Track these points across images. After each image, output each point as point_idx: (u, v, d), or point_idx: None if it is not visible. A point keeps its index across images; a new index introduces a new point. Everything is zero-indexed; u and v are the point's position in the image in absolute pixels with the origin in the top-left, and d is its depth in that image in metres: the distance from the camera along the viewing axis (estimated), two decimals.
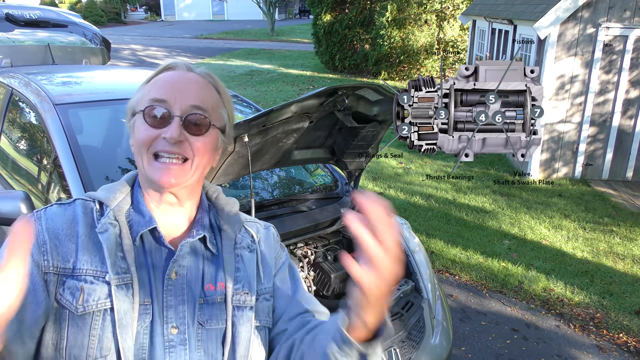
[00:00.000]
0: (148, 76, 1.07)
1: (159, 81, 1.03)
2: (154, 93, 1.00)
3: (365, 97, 2.30)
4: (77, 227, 0.98)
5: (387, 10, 13.38)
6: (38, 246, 0.95)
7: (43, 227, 0.97)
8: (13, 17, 4.65)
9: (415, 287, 2.48)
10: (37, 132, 2.75)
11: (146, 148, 0.98)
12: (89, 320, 0.92)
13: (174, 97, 0.99)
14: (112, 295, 0.92)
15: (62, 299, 0.94)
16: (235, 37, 26.52)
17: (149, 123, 0.98)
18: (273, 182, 3.15)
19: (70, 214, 1.00)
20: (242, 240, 1.09)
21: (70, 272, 0.94)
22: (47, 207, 1.03)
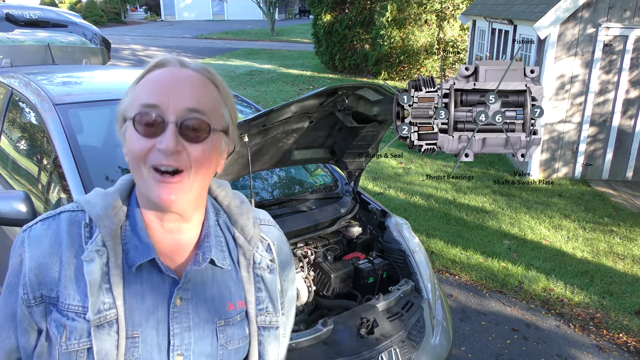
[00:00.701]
0: (138, 75, 0.94)
1: (148, 82, 0.90)
2: (144, 97, 0.88)
3: (365, 97, 2.30)
4: (60, 250, 0.90)
5: (387, 10, 13.37)
6: (25, 275, 0.90)
7: (29, 255, 0.90)
8: (13, 17, 4.65)
9: (415, 287, 2.48)
10: (37, 132, 2.75)
11: (142, 161, 0.86)
12: (74, 357, 0.88)
13: (166, 100, 0.87)
14: (90, 335, 0.87)
15: (51, 329, 0.90)
16: (235, 37, 26.52)
17: (140, 132, 0.86)
18: (273, 182, 3.15)
19: (52, 233, 0.91)
20: (261, 260, 1.01)
21: (55, 302, 0.89)
22: (32, 225, 0.94)
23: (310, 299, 2.43)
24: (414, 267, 2.54)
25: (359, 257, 2.59)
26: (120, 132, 0.92)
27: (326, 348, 2.01)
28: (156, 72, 0.91)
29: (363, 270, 2.49)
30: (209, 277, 0.95)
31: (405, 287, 2.43)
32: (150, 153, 0.86)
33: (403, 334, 2.17)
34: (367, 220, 2.84)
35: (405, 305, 2.35)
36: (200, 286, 0.94)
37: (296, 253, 2.53)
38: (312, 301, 2.45)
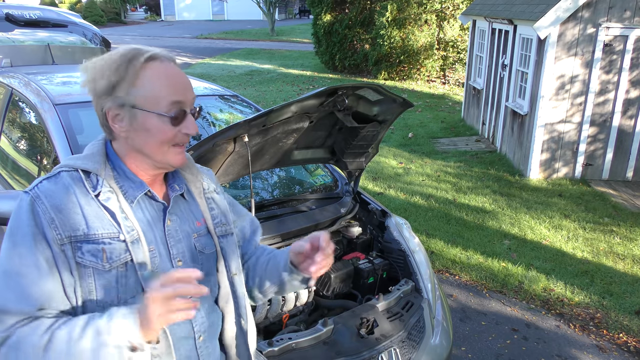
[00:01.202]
0: (118, 58, 1.14)
1: (163, 78, 1.15)
2: (171, 95, 1.15)
3: (365, 97, 2.30)
4: (73, 197, 1.13)
5: (387, 10, 13.37)
6: (48, 225, 1.09)
7: (47, 206, 1.11)
8: (13, 17, 4.65)
9: (415, 287, 2.48)
10: (37, 132, 2.75)
11: (169, 143, 1.17)
12: (114, 273, 1.13)
13: (185, 95, 1.17)
14: (129, 250, 1.14)
15: (84, 260, 1.11)
16: (235, 37, 26.53)
17: (172, 124, 1.16)
18: (273, 182, 3.15)
19: (62, 186, 1.13)
20: (208, 186, 1.36)
21: (83, 237, 1.11)
22: (37, 184, 1.14)
23: (310, 299, 2.43)
24: (414, 267, 2.53)
25: (359, 257, 2.59)
26: (126, 114, 1.14)
27: (326, 348, 2.01)
28: (161, 67, 1.16)
29: (363, 270, 2.49)
30: (181, 203, 1.29)
31: (405, 287, 2.43)
32: (175, 136, 1.17)
33: (403, 334, 2.17)
34: (367, 220, 2.84)
35: (405, 305, 2.35)
36: (179, 209, 1.27)
37: None
38: (312, 301, 2.45)
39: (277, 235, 2.40)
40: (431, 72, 14.26)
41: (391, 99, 2.31)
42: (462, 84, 13.55)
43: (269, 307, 2.24)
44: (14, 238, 1.10)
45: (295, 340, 1.98)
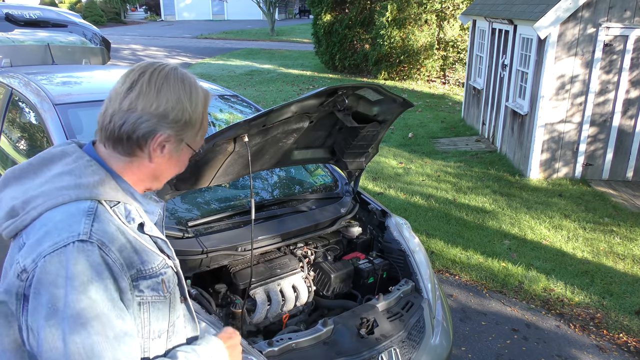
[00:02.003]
0: (206, 100, 1.18)
1: (207, 121, 1.21)
2: (204, 135, 1.22)
3: (365, 97, 2.30)
4: (125, 235, 1.07)
5: (387, 10, 13.37)
6: (121, 273, 1.03)
7: (117, 255, 1.03)
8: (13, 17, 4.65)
9: (415, 287, 2.48)
10: (37, 132, 2.75)
11: (180, 171, 1.22)
12: (168, 299, 1.14)
13: None
14: (178, 273, 1.20)
15: (145, 297, 1.09)
16: (235, 37, 26.52)
17: (191, 158, 1.22)
18: (273, 182, 3.15)
19: (114, 226, 1.06)
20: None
21: (138, 274, 1.07)
22: (91, 228, 1.01)
23: (310, 299, 2.43)
24: (414, 267, 2.53)
25: (359, 257, 2.59)
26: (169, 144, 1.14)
27: (326, 348, 2.00)
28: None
29: (363, 270, 2.49)
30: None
31: (405, 287, 2.43)
32: None
33: (403, 334, 2.17)
34: (367, 220, 2.84)
35: (405, 305, 2.35)
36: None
37: (296, 253, 2.53)
38: (312, 301, 2.45)
39: (277, 235, 2.40)
40: (431, 72, 14.26)
41: (391, 99, 2.31)
42: (462, 84, 13.54)
43: (269, 307, 2.24)
44: (94, 298, 0.96)
45: (295, 340, 1.98)
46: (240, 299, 2.16)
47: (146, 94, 1.08)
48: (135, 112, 1.08)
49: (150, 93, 1.08)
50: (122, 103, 1.08)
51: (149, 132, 1.09)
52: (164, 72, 1.10)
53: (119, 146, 1.11)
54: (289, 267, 2.38)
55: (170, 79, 1.10)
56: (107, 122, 1.10)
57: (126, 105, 1.08)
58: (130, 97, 1.08)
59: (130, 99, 1.08)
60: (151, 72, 1.10)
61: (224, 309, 2.17)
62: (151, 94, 1.08)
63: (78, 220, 1.01)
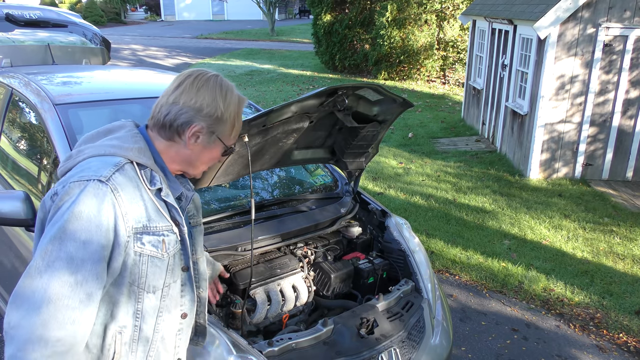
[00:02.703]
0: (240, 104, 1.41)
1: (241, 121, 1.43)
2: (237, 136, 1.45)
3: (365, 97, 2.30)
4: (140, 192, 1.28)
5: (387, 10, 13.37)
6: (122, 217, 1.23)
7: (123, 199, 1.23)
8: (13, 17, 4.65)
9: (415, 287, 2.48)
10: (37, 132, 2.75)
11: (210, 164, 1.45)
12: (166, 261, 1.34)
13: None
14: (181, 242, 1.38)
15: (144, 249, 1.28)
16: (235, 37, 26.52)
17: (223, 154, 1.44)
18: (273, 182, 3.15)
19: (130, 180, 1.27)
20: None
21: (143, 229, 1.27)
22: (112, 174, 1.24)
23: (310, 299, 2.43)
24: (414, 267, 2.53)
25: (359, 257, 2.59)
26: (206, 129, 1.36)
27: (326, 348, 2.01)
28: (242, 111, 1.43)
29: (363, 270, 2.49)
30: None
31: (405, 287, 2.43)
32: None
33: (403, 334, 2.17)
34: (367, 220, 2.84)
35: (405, 305, 2.35)
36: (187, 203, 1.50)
37: (296, 253, 2.53)
38: (312, 301, 2.45)
39: (277, 235, 2.41)
40: (431, 72, 14.26)
41: (391, 99, 2.31)
42: (462, 84, 13.55)
43: (269, 307, 2.25)
44: (84, 224, 1.18)
45: (295, 340, 1.98)
46: (240, 299, 2.16)
47: (188, 91, 1.34)
48: (177, 105, 1.34)
49: (191, 91, 1.34)
50: (169, 97, 1.35)
51: (186, 122, 1.34)
52: (206, 77, 1.36)
53: (163, 131, 1.36)
54: (289, 267, 2.39)
55: (210, 82, 1.35)
56: (157, 111, 1.36)
57: (172, 100, 1.34)
58: (176, 93, 1.34)
59: (175, 94, 1.34)
60: (196, 76, 1.36)
61: (224, 309, 2.17)
62: (192, 92, 1.34)
63: (106, 167, 1.25)
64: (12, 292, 1.17)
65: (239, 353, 1.81)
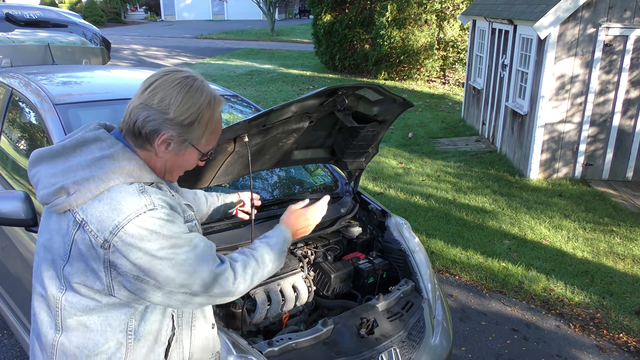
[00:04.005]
0: (214, 106, 1.31)
1: (219, 126, 1.35)
2: (216, 140, 1.37)
3: (365, 97, 2.30)
4: (166, 196, 1.31)
5: (387, 10, 13.37)
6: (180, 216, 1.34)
7: (172, 207, 1.31)
8: (13, 17, 4.65)
9: (415, 287, 2.48)
10: (37, 132, 2.75)
11: (190, 167, 1.39)
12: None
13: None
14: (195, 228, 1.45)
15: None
16: (235, 37, 26.52)
17: (200, 159, 1.38)
18: (273, 182, 3.15)
19: (159, 194, 1.29)
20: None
21: (192, 226, 1.39)
22: (153, 198, 1.25)
23: (310, 299, 2.43)
24: (414, 267, 2.53)
25: (359, 257, 2.59)
26: (178, 137, 1.28)
27: (326, 348, 2.01)
28: (220, 115, 1.35)
29: (363, 270, 2.49)
30: None
31: (405, 287, 2.43)
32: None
33: (403, 334, 2.17)
34: (367, 220, 2.84)
35: (405, 305, 2.35)
36: None
37: (296, 253, 2.53)
38: (312, 301, 2.45)
39: None
40: (431, 72, 14.26)
41: (391, 99, 2.31)
42: (462, 84, 13.54)
43: (268, 307, 2.24)
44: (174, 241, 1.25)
45: (295, 340, 1.98)
46: (240, 299, 2.16)
47: (156, 94, 1.24)
48: (145, 110, 1.24)
49: (159, 94, 1.24)
50: (138, 99, 1.26)
51: (154, 130, 1.25)
52: (176, 77, 1.26)
53: (135, 139, 1.29)
54: (289, 267, 2.38)
55: (180, 84, 1.25)
56: (127, 115, 1.28)
57: (140, 102, 1.25)
58: (144, 95, 1.25)
59: (144, 97, 1.25)
60: (166, 78, 1.26)
61: (224, 309, 2.17)
62: (160, 94, 1.24)
63: (137, 197, 1.22)
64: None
65: (239, 353, 1.81)
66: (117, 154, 1.25)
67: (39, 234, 1.35)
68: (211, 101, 1.29)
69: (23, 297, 2.53)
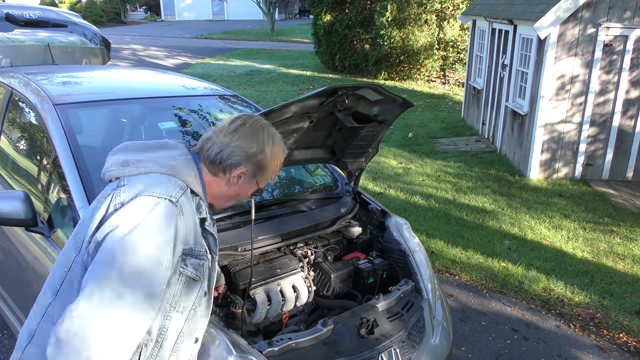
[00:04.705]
0: (283, 156, 1.57)
1: (277, 169, 1.57)
2: (269, 179, 1.57)
3: (365, 97, 2.30)
4: (195, 217, 1.41)
5: (387, 10, 13.37)
6: (180, 239, 1.34)
7: (184, 224, 1.35)
8: (13, 17, 4.64)
9: (415, 287, 2.48)
10: (37, 132, 2.75)
11: (242, 199, 1.58)
12: (199, 284, 1.46)
13: None
14: (213, 268, 1.54)
15: (185, 270, 1.39)
16: (235, 37, 26.52)
17: (254, 193, 1.58)
18: (273, 182, 3.14)
19: (190, 206, 1.39)
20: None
21: (189, 251, 1.39)
22: (180, 197, 1.35)
23: (310, 299, 2.43)
24: (414, 267, 2.53)
25: (359, 257, 2.59)
26: (246, 169, 1.49)
27: (326, 348, 2.01)
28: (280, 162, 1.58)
29: (363, 270, 2.49)
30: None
31: (405, 287, 2.43)
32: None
33: (403, 334, 2.17)
34: (367, 220, 2.84)
35: (405, 305, 2.35)
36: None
37: (296, 253, 2.53)
38: (312, 301, 2.45)
39: (277, 235, 2.40)
40: (431, 72, 14.26)
41: (391, 99, 2.31)
42: (462, 84, 13.54)
43: (269, 307, 2.25)
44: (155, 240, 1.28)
45: (295, 340, 1.98)
46: (240, 299, 2.16)
47: (243, 137, 1.46)
48: (229, 147, 1.46)
49: (246, 137, 1.47)
50: (224, 138, 1.47)
51: (235, 163, 1.47)
52: (260, 125, 1.50)
53: (210, 165, 1.48)
54: (289, 267, 2.38)
55: (264, 132, 1.49)
56: (208, 147, 1.48)
57: (226, 141, 1.47)
58: (231, 136, 1.47)
59: (230, 137, 1.47)
60: (252, 123, 1.49)
61: (224, 309, 2.17)
62: (247, 137, 1.47)
63: (174, 188, 1.35)
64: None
65: (239, 353, 1.81)
66: (182, 162, 1.43)
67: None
68: (283, 152, 1.55)
69: (23, 297, 2.52)
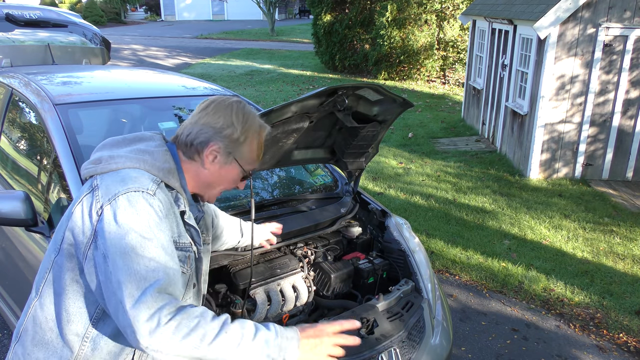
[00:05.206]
0: (260, 130, 1.48)
1: (262, 149, 1.50)
2: (258, 161, 1.51)
3: (365, 97, 2.30)
4: (175, 210, 1.38)
5: (387, 10, 13.37)
6: (166, 224, 1.32)
7: (165, 216, 1.32)
8: (13, 17, 4.64)
9: (415, 287, 2.48)
10: (37, 132, 2.75)
11: (225, 189, 1.52)
12: (187, 275, 1.42)
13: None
14: (200, 259, 1.51)
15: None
16: (235, 37, 26.52)
17: (241, 176, 1.50)
18: (273, 182, 3.15)
19: (167, 197, 1.36)
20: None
21: (175, 244, 1.35)
22: (155, 190, 1.32)
23: (310, 299, 2.43)
24: (414, 267, 2.53)
25: (359, 257, 2.59)
26: (223, 149, 1.44)
27: None
28: (263, 139, 1.51)
29: (363, 270, 2.49)
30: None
31: (405, 287, 2.43)
32: (231, 186, 1.52)
33: (403, 334, 2.17)
34: (367, 220, 2.84)
35: (405, 305, 2.35)
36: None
37: (296, 253, 2.53)
38: (312, 301, 2.45)
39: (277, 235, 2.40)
40: (431, 72, 14.26)
41: (391, 99, 2.31)
42: (462, 84, 13.55)
43: (269, 307, 2.25)
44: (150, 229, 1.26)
45: None
46: (240, 299, 2.16)
47: (209, 113, 1.43)
48: (198, 125, 1.43)
49: (212, 113, 1.43)
50: (192, 119, 1.45)
51: (204, 140, 1.42)
52: (228, 101, 1.46)
53: (185, 150, 1.45)
54: (289, 267, 2.38)
55: (232, 106, 1.45)
56: (181, 131, 1.46)
57: (194, 120, 1.45)
58: (199, 115, 1.44)
59: (198, 116, 1.44)
60: (219, 101, 1.46)
61: (224, 309, 2.17)
62: (213, 113, 1.43)
63: (148, 181, 1.32)
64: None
65: None
66: (158, 153, 1.40)
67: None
68: (260, 126, 1.48)
69: (23, 297, 2.53)
